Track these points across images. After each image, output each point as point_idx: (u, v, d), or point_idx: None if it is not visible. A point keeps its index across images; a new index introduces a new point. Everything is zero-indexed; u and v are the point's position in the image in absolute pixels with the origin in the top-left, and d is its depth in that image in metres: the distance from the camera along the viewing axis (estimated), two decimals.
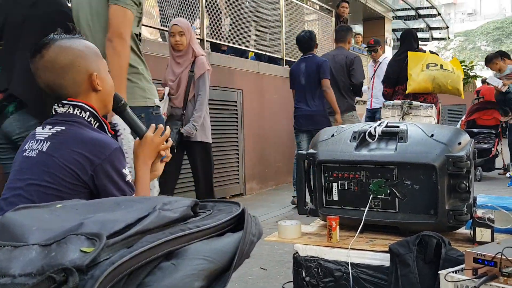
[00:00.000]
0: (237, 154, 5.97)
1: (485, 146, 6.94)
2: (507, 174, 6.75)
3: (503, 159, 7.30)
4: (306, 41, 5.27)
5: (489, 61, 7.14)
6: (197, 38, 4.85)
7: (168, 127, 1.70)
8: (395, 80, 5.31)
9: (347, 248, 1.95)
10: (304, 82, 5.12)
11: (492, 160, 7.07)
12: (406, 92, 5.13)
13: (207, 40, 5.75)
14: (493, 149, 6.95)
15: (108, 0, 2.28)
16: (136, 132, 1.69)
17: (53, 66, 1.46)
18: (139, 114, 2.19)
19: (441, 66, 5.01)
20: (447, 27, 20.51)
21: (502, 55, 7.17)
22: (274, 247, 3.45)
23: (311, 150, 2.25)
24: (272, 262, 3.19)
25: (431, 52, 5.45)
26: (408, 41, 5.39)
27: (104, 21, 2.31)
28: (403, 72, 5.11)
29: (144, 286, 0.66)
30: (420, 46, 5.66)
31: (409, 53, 5.16)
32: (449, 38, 23.66)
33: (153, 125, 1.66)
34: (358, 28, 16.89)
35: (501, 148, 7.17)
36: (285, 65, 7.28)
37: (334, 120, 5.08)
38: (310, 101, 5.07)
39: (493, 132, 7.08)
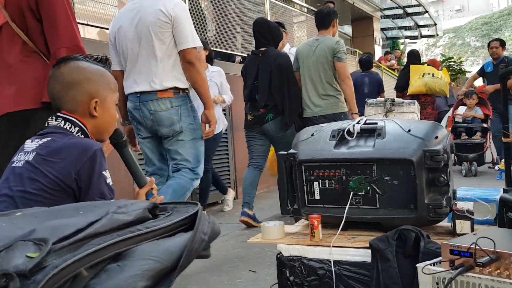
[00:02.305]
0: (228, 157, 5.98)
1: (478, 140, 6.90)
2: (496, 167, 6.78)
3: (492, 152, 7.31)
4: (368, 62, 7.61)
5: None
6: None
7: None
8: (403, 87, 7.44)
9: (329, 246, 1.96)
10: (367, 91, 7.16)
11: (483, 154, 7.07)
12: (407, 94, 7.15)
13: None
14: (485, 144, 6.93)
15: (334, 58, 4.08)
16: (131, 172, 1.70)
17: (62, 79, 1.56)
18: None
19: (433, 75, 7.15)
20: (435, 24, 20.61)
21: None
22: (264, 249, 3.45)
23: (291, 150, 2.25)
24: (261, 264, 3.19)
25: (428, 65, 7.78)
26: (411, 59, 7.71)
27: (328, 69, 4.11)
28: (408, 81, 7.20)
29: None
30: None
31: (411, 66, 7.33)
32: (437, 35, 23.79)
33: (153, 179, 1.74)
34: (347, 29, 16.94)
35: (491, 142, 7.18)
36: None
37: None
38: None
39: (485, 126, 7.05)
